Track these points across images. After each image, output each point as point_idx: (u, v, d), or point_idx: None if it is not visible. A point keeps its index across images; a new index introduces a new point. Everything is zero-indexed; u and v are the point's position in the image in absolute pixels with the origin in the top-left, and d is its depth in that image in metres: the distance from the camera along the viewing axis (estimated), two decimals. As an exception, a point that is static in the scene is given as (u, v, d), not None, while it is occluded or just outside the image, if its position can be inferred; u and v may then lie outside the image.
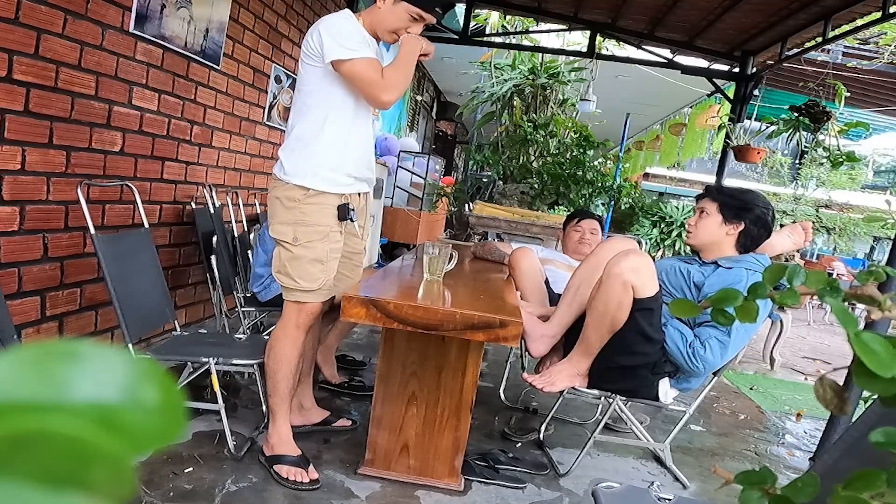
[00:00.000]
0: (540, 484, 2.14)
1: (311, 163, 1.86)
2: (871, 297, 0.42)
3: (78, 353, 0.19)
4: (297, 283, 1.88)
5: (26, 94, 2.03)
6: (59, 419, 0.18)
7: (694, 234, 2.26)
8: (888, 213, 1.72)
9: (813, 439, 3.10)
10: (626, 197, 6.08)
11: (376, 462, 2.03)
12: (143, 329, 2.14)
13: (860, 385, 0.38)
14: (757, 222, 2.19)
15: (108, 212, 2.53)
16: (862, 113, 5.95)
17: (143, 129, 2.67)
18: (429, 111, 9.74)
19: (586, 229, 3.01)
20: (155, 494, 1.73)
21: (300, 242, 1.87)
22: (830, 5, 3.78)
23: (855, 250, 14.47)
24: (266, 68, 3.74)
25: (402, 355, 2.03)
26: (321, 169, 1.87)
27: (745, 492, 0.45)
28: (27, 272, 2.14)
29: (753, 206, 2.19)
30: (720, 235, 2.20)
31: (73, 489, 0.17)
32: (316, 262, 1.89)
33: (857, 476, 0.38)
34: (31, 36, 2.01)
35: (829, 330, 7.76)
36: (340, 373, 2.83)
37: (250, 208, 3.75)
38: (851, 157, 4.28)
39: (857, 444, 0.93)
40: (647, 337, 2.00)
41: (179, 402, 0.20)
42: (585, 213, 3.16)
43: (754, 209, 2.19)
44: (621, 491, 1.40)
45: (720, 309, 0.48)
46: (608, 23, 4.98)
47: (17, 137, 2.03)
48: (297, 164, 1.87)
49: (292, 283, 1.89)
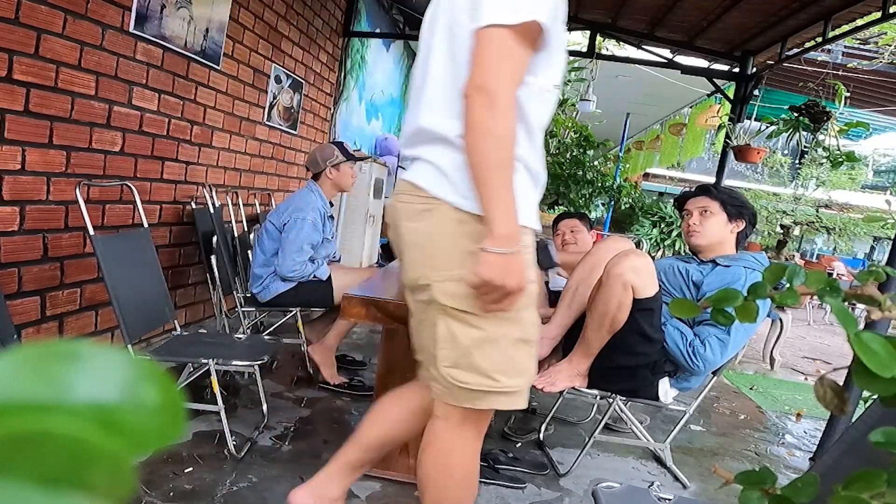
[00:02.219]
0: (540, 484, 2.14)
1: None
2: (871, 297, 0.42)
3: (78, 353, 0.19)
4: (497, 381, 1.18)
5: (26, 94, 2.03)
6: (59, 419, 0.18)
7: (701, 233, 2.23)
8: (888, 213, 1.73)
9: (813, 439, 3.09)
10: (626, 197, 6.09)
11: (376, 462, 2.02)
12: (143, 329, 2.14)
13: (860, 385, 0.38)
14: (752, 220, 2.22)
15: (107, 212, 2.53)
16: (862, 113, 5.95)
17: (143, 129, 2.67)
18: (429, 111, 9.74)
19: (565, 230, 3.01)
20: (155, 494, 1.73)
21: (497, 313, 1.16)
22: (830, 5, 3.78)
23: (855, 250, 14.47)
24: (266, 68, 3.74)
25: (402, 355, 2.02)
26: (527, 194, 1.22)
27: (745, 492, 0.45)
28: (27, 272, 2.14)
29: (748, 204, 2.22)
30: (726, 234, 2.21)
31: (73, 489, 0.17)
32: (522, 342, 1.20)
33: (857, 476, 0.38)
34: (31, 36, 2.01)
35: (829, 330, 7.76)
36: (340, 373, 2.83)
37: (250, 208, 3.75)
38: (851, 157, 4.28)
39: (857, 444, 0.93)
40: (647, 337, 2.00)
41: (179, 402, 0.20)
42: (561, 215, 3.16)
43: (750, 207, 2.22)
44: (621, 491, 1.40)
45: (720, 309, 0.48)
46: (608, 23, 4.98)
47: (17, 137, 2.03)
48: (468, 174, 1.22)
49: (488, 384, 1.18)
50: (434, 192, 1.17)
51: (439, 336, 1.19)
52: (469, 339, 1.17)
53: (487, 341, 1.17)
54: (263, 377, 2.51)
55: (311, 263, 2.75)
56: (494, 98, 1.05)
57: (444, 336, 1.18)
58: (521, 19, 1.06)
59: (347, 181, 2.93)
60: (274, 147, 4.06)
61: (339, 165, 2.87)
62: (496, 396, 1.20)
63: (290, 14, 3.96)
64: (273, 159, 4.08)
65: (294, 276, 2.71)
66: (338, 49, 5.00)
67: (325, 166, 2.86)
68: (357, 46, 5.55)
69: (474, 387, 1.18)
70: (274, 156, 4.09)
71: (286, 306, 2.86)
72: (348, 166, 2.90)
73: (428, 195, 1.17)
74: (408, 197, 1.21)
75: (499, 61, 1.07)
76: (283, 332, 3.06)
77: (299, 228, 2.69)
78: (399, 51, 7.16)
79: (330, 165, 2.86)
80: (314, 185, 2.89)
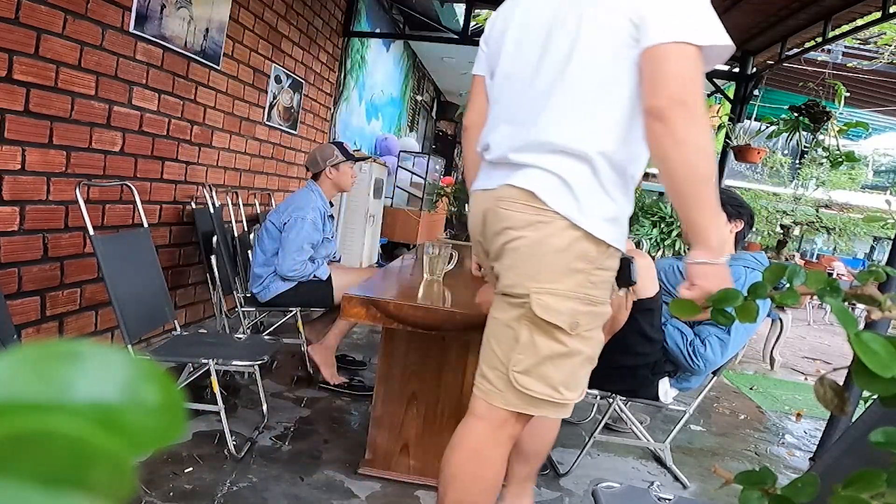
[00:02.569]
0: (540, 484, 2.14)
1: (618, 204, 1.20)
2: (871, 297, 0.42)
3: (78, 353, 0.19)
4: (560, 393, 1.22)
5: (26, 94, 2.03)
6: (60, 419, 0.18)
7: None
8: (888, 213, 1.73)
9: (813, 439, 3.09)
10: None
11: (376, 462, 2.03)
12: (143, 329, 2.14)
13: (860, 385, 0.38)
14: (750, 220, 2.22)
15: (107, 212, 2.53)
16: (862, 113, 5.95)
17: (143, 129, 2.67)
18: (429, 111, 9.74)
19: None
20: (155, 494, 1.73)
21: (580, 331, 1.19)
22: (830, 5, 3.78)
23: (855, 250, 14.46)
24: (266, 68, 3.74)
25: (402, 355, 2.03)
26: (624, 214, 1.23)
27: (745, 492, 0.45)
28: (27, 272, 2.14)
29: (745, 204, 2.22)
30: (727, 233, 2.21)
31: (73, 489, 0.17)
32: (588, 361, 1.26)
33: (857, 476, 0.38)
34: (31, 36, 2.01)
35: (829, 330, 7.76)
36: (340, 373, 2.83)
37: (250, 208, 3.75)
38: (851, 157, 4.28)
39: (857, 444, 0.93)
40: (648, 337, 2.00)
41: (179, 402, 0.20)
42: None
43: (747, 207, 2.21)
44: (621, 491, 1.40)
45: (720, 309, 0.48)
46: (608, 23, 4.97)
47: (17, 137, 2.03)
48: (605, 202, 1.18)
49: (550, 394, 1.22)
50: (554, 206, 1.15)
51: (520, 342, 1.21)
52: (549, 351, 1.20)
53: (564, 356, 1.20)
54: (263, 377, 2.51)
55: (311, 263, 2.75)
56: (695, 111, 1.05)
57: (526, 343, 1.20)
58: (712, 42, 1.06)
59: (347, 181, 2.93)
60: (274, 147, 4.06)
61: (338, 165, 2.88)
62: (551, 406, 1.24)
63: (290, 14, 3.96)
64: (273, 159, 4.08)
65: (294, 275, 2.71)
66: (338, 49, 5.00)
67: (325, 166, 2.86)
68: (357, 46, 5.55)
69: (537, 395, 1.21)
70: (274, 156, 4.09)
71: (286, 306, 2.86)
72: (348, 166, 2.90)
73: (545, 207, 1.16)
74: (519, 206, 1.19)
75: (694, 77, 1.07)
76: (283, 332, 3.06)
77: (299, 228, 2.69)
78: (399, 51, 7.16)
79: (329, 165, 2.86)
80: (314, 184, 2.89)
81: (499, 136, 1.27)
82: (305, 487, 1.90)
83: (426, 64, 8.40)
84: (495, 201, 1.24)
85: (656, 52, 1.07)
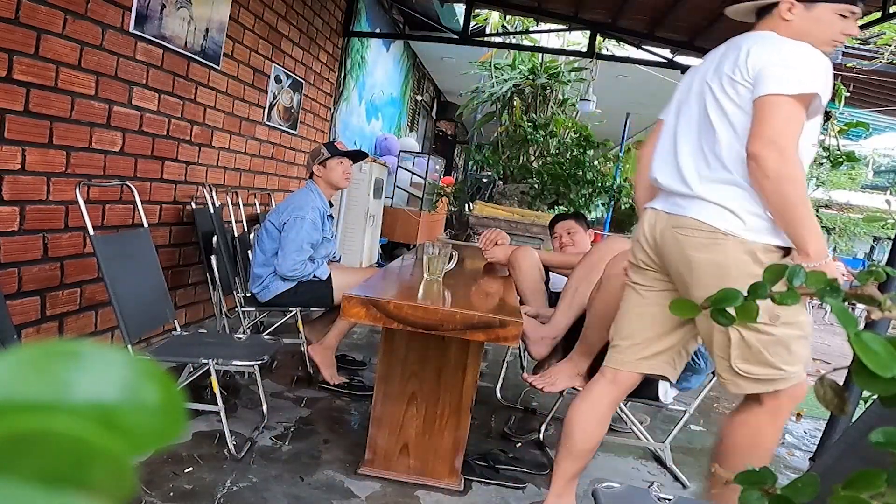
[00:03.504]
0: (540, 484, 2.14)
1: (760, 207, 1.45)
2: (871, 297, 0.42)
3: (78, 353, 0.19)
4: (782, 370, 1.47)
5: (26, 94, 2.03)
6: (60, 419, 0.18)
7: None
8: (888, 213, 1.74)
9: (813, 439, 3.09)
10: (626, 197, 6.07)
11: (376, 462, 2.03)
12: (143, 329, 2.14)
13: (860, 385, 0.38)
14: None
15: (107, 212, 2.53)
16: (862, 113, 5.95)
17: (143, 128, 2.67)
18: (429, 111, 9.74)
19: (561, 232, 2.97)
20: (155, 494, 1.73)
21: (784, 320, 1.44)
22: (830, 5, 3.77)
23: (855, 250, 14.47)
24: (266, 68, 3.74)
25: (402, 355, 2.03)
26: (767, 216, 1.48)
27: (745, 492, 0.45)
28: (27, 272, 2.14)
29: None
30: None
31: (73, 489, 0.17)
32: (802, 338, 1.50)
33: (857, 476, 0.38)
34: (31, 36, 2.01)
35: (829, 330, 7.76)
36: (340, 373, 2.83)
37: (250, 208, 3.75)
38: (851, 157, 4.28)
39: (857, 444, 0.93)
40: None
41: (179, 402, 0.20)
42: (557, 217, 3.13)
43: None
44: (621, 491, 1.40)
45: (720, 309, 0.48)
46: (608, 23, 4.98)
47: (17, 137, 2.03)
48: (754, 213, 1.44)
49: (776, 374, 1.48)
50: (722, 228, 1.44)
51: (733, 343, 1.48)
52: (759, 343, 1.46)
53: (776, 342, 1.45)
54: (263, 377, 2.51)
55: (310, 263, 2.75)
56: (783, 150, 1.33)
57: (737, 342, 1.48)
58: (802, 90, 1.35)
59: (337, 177, 2.91)
60: (274, 147, 4.06)
61: (325, 162, 2.87)
62: (780, 381, 1.48)
63: (290, 14, 3.96)
64: (273, 159, 4.08)
65: (294, 275, 2.71)
66: (338, 49, 5.00)
67: (313, 164, 2.88)
68: (357, 46, 5.55)
69: (762, 376, 1.48)
70: (274, 156, 4.09)
71: (286, 306, 2.86)
72: (335, 162, 2.88)
73: (714, 229, 1.45)
74: (692, 231, 1.49)
75: (786, 122, 1.35)
76: (283, 332, 3.06)
77: (299, 227, 2.69)
78: (399, 51, 7.16)
79: (317, 163, 2.87)
80: (313, 184, 2.90)
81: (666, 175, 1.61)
82: (305, 487, 1.90)
83: (426, 64, 8.40)
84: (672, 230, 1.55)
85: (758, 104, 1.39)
